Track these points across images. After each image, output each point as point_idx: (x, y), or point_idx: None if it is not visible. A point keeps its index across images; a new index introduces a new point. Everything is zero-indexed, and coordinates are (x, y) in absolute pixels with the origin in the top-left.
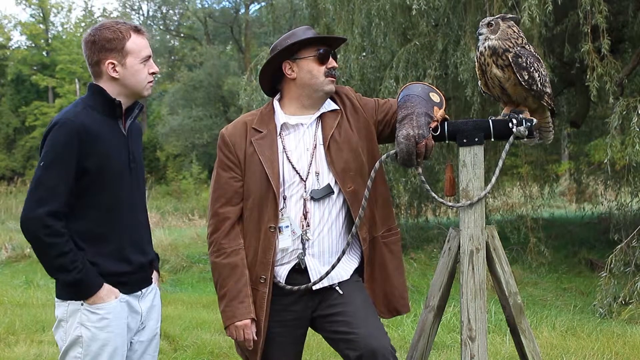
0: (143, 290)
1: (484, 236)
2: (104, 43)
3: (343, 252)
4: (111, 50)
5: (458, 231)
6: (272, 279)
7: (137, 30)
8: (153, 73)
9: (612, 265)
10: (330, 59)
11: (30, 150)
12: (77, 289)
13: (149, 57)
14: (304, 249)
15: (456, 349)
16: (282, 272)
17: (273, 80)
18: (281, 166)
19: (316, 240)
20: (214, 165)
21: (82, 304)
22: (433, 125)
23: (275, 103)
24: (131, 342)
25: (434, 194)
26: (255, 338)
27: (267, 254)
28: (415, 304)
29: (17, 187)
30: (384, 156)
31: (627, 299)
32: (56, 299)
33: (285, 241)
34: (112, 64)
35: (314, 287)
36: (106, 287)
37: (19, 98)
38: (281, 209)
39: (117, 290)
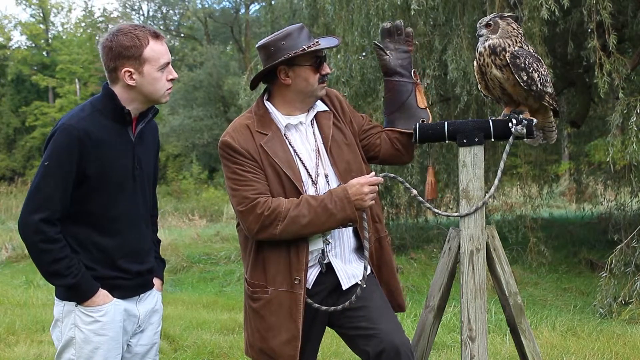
0: (141, 295)
1: (484, 236)
2: (121, 50)
3: (365, 269)
4: (128, 58)
5: (458, 231)
6: (305, 280)
7: (155, 35)
8: (172, 79)
9: (612, 265)
10: (324, 64)
11: (30, 150)
12: (72, 292)
13: (168, 63)
14: (325, 249)
15: (456, 349)
16: (310, 277)
17: (263, 78)
18: (298, 167)
19: (337, 239)
20: (227, 176)
21: (76, 306)
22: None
23: (268, 104)
24: (129, 345)
25: (436, 210)
26: None
27: (300, 256)
28: (415, 304)
29: (17, 187)
30: (381, 174)
31: (627, 299)
32: (55, 297)
33: (317, 242)
34: (129, 72)
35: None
36: (102, 292)
37: (19, 98)
38: None
39: (112, 297)
